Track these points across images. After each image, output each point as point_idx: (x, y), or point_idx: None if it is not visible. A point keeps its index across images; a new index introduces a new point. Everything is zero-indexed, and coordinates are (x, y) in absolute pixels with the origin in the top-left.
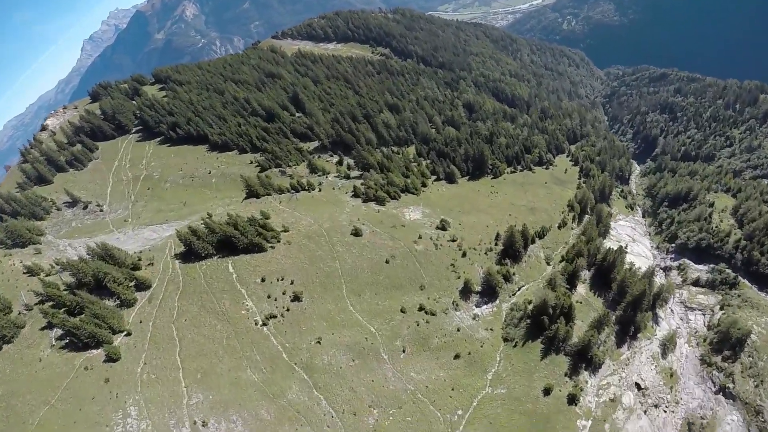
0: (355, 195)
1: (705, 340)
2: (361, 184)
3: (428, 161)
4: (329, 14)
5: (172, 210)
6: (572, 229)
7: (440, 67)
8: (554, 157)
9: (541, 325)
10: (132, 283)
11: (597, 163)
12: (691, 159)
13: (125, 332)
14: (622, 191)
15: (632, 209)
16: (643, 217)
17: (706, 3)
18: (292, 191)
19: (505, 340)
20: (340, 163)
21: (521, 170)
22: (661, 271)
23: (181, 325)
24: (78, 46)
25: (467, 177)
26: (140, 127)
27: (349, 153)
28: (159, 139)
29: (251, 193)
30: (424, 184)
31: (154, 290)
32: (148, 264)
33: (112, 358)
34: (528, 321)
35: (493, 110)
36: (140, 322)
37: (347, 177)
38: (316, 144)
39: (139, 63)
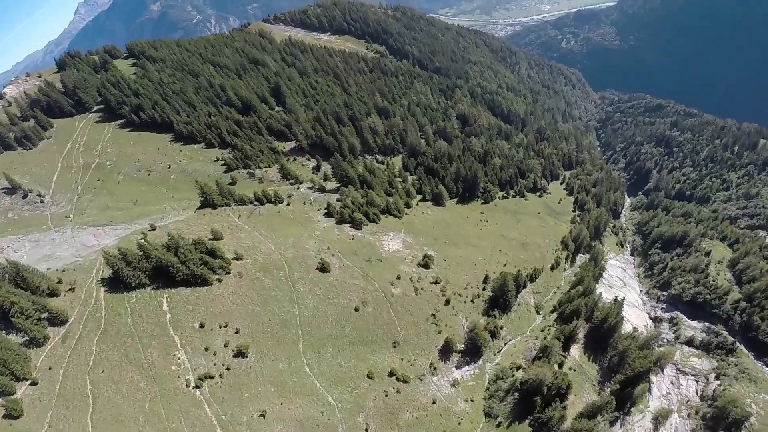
0: (329, 214)
1: (698, 413)
2: (337, 200)
3: (415, 177)
4: (326, 3)
5: (120, 209)
6: (564, 269)
7: (436, 72)
8: (548, 183)
9: (532, 404)
10: (44, 315)
11: (593, 195)
12: (685, 198)
13: (31, 381)
14: (614, 226)
15: (622, 246)
16: (632, 255)
17: (706, 39)
18: (256, 203)
19: (488, 415)
20: (317, 169)
21: (514, 196)
22: (651, 321)
23: (97, 377)
24: (72, 8)
25: (456, 199)
26: (102, 107)
27: (329, 158)
28: (120, 122)
29: (207, 203)
30: (408, 205)
31: (71, 327)
32: (69, 289)
33: (12, 415)
34: (515, 396)
35: (488, 125)
36: (50, 369)
37: (322, 190)
38: (293, 144)
39: (131, 32)
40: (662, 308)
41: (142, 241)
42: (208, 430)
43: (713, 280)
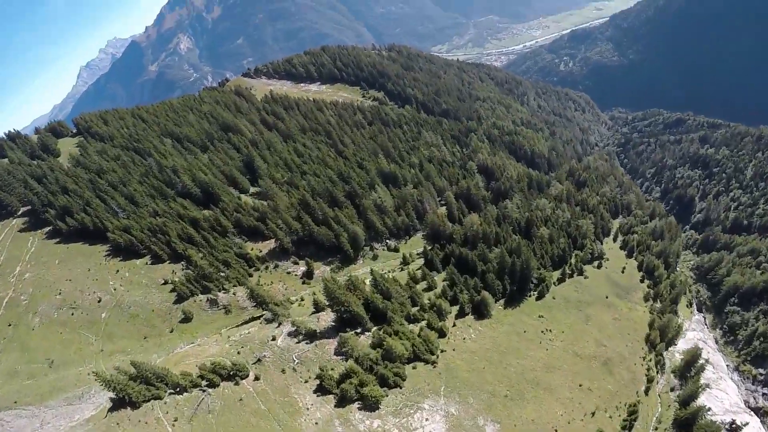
0: (323, 387)
1: None
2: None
3: (444, 277)
4: (314, 49)
5: (31, 375)
6: (658, 382)
7: (444, 116)
8: (602, 243)
9: None
10: None
11: (657, 253)
12: (743, 229)
13: None
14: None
15: (690, 306)
16: (700, 311)
17: (708, 42)
18: (203, 388)
19: None
20: (308, 276)
21: (570, 275)
22: (752, 413)
23: None
24: (75, 72)
25: (503, 299)
26: (29, 208)
27: (323, 256)
28: (48, 229)
29: (121, 402)
30: (442, 332)
31: None
32: None
33: None
34: None
35: (518, 177)
36: None
37: (311, 336)
38: (271, 244)
39: (131, 93)
40: (764, 394)
41: None
42: None
43: None
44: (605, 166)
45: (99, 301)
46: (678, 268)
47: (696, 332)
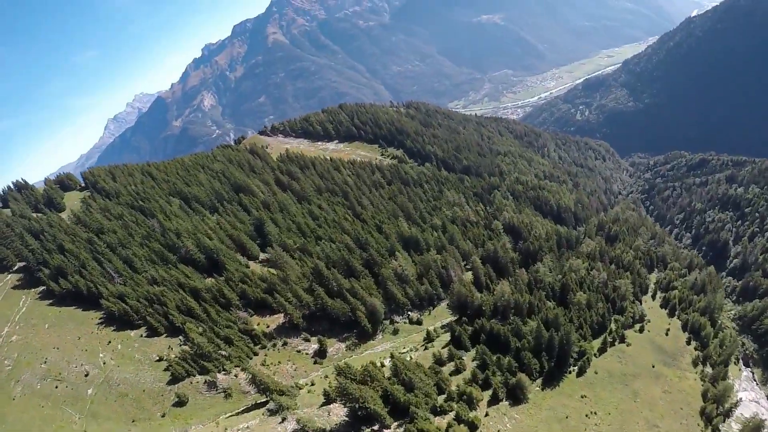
0: None
1: None
2: None
3: (474, 356)
4: (331, 107)
5: None
6: None
7: (465, 172)
8: (641, 303)
9: None
10: None
11: (701, 310)
12: None
13: None
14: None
15: (738, 361)
16: (747, 365)
17: (721, 78)
18: None
19: None
20: (320, 355)
21: (611, 343)
22: None
23: None
24: (103, 124)
25: (540, 378)
26: (24, 264)
27: (337, 332)
28: (41, 289)
29: None
30: (473, 426)
31: None
32: None
33: None
34: None
35: (546, 235)
36: None
37: None
38: (280, 319)
39: (155, 147)
40: None
41: None
42: None
43: None
44: (635, 216)
45: (86, 375)
46: (720, 321)
47: (747, 392)
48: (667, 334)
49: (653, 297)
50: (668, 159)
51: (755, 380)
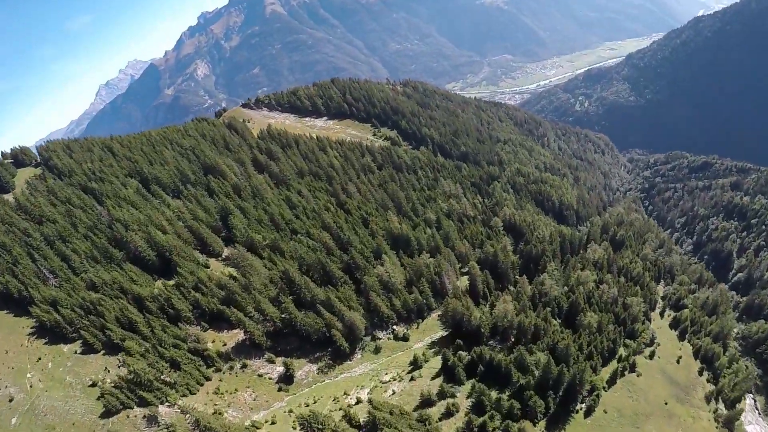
0: None
1: None
2: None
3: (469, 391)
4: (323, 81)
5: None
6: None
7: (463, 159)
8: (650, 322)
9: None
10: None
11: (713, 334)
12: None
13: None
14: None
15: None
16: (749, 392)
17: (727, 81)
18: None
19: None
20: (286, 380)
21: (621, 371)
22: None
23: None
24: (95, 90)
25: (544, 420)
26: None
27: (308, 350)
28: None
29: None
30: None
31: None
32: None
33: None
34: None
35: (550, 237)
36: None
37: None
38: (239, 335)
39: (146, 116)
40: None
41: None
42: None
43: None
44: (640, 220)
45: (10, 401)
46: (731, 346)
47: (753, 425)
48: (678, 362)
49: (662, 314)
50: (669, 158)
51: (758, 409)
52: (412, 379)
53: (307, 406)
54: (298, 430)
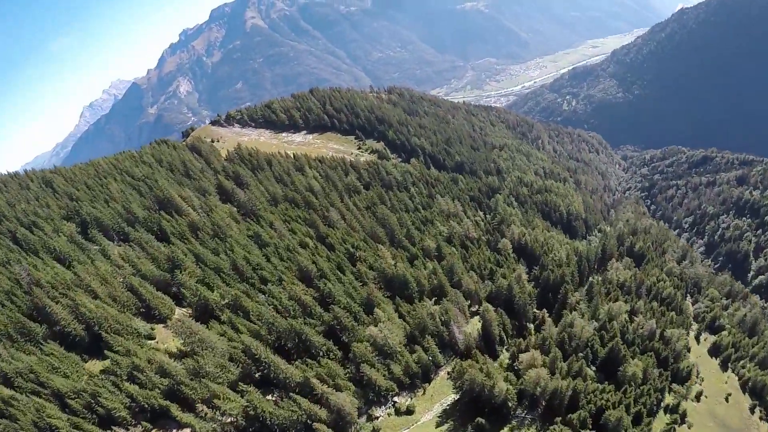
0: None
1: None
2: None
3: None
4: (300, 93)
5: None
6: None
7: (458, 170)
8: (688, 352)
9: None
10: None
11: (759, 362)
12: None
13: None
14: None
15: None
16: None
17: (714, 72)
18: None
19: None
20: None
21: (671, 426)
22: None
23: None
24: (78, 111)
25: None
26: None
27: None
28: None
29: None
30: None
31: None
32: None
33: None
34: None
35: (567, 258)
36: None
37: None
38: None
39: (130, 135)
40: None
41: None
42: None
43: None
44: (655, 226)
45: None
46: None
47: None
48: (727, 401)
49: (697, 338)
50: (666, 154)
51: None
52: None
53: None
54: None
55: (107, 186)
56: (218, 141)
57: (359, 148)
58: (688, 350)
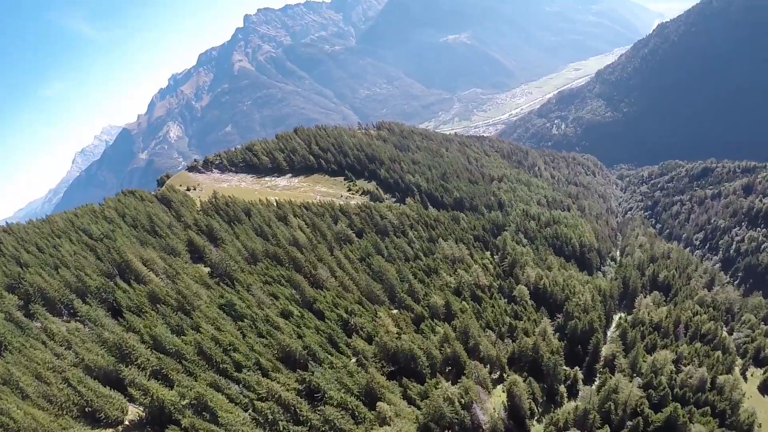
0: None
1: None
2: None
3: None
4: (285, 132)
5: None
6: None
7: (458, 207)
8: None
9: None
10: None
11: None
12: None
13: None
14: None
15: None
16: None
17: (698, 84)
18: None
19: None
20: None
21: None
22: None
23: None
24: (71, 157)
25: None
26: None
27: None
28: None
29: None
30: None
31: None
32: None
33: None
34: None
35: (592, 301)
36: None
37: None
38: None
39: (121, 181)
40: None
41: None
42: None
43: None
44: (675, 250)
45: None
46: None
47: None
48: None
49: (744, 374)
50: (664, 169)
51: None
52: None
53: None
54: None
55: (59, 248)
56: (194, 189)
57: (349, 190)
58: (743, 395)
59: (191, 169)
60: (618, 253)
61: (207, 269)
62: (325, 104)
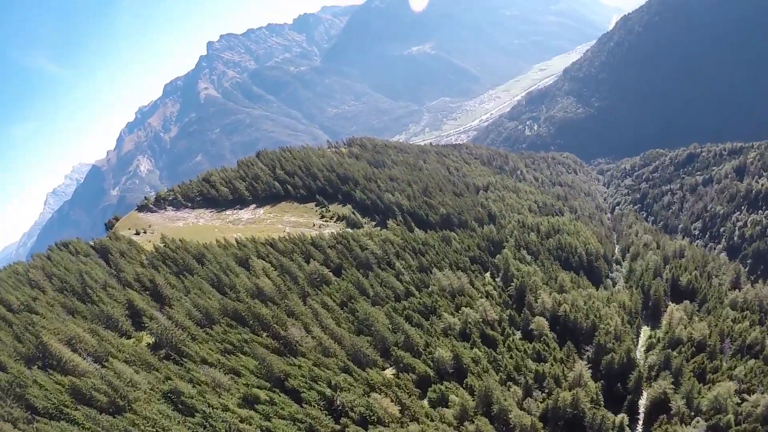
0: None
1: None
2: None
3: None
4: (246, 158)
5: None
6: None
7: (446, 225)
8: None
9: None
10: None
11: None
12: None
13: None
14: None
15: None
16: None
17: (668, 70)
18: None
19: None
20: None
21: None
22: None
23: None
24: (42, 199)
25: None
26: None
27: None
28: None
29: None
30: None
31: None
32: None
33: None
34: None
35: (615, 329)
36: None
37: None
38: None
39: (94, 219)
40: None
41: None
42: None
43: None
44: (689, 247)
45: None
46: None
47: None
48: None
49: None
50: (646, 160)
51: None
52: None
53: None
54: None
55: None
56: (144, 232)
57: (322, 217)
58: None
59: (141, 208)
60: (620, 254)
61: (151, 338)
62: (294, 126)
